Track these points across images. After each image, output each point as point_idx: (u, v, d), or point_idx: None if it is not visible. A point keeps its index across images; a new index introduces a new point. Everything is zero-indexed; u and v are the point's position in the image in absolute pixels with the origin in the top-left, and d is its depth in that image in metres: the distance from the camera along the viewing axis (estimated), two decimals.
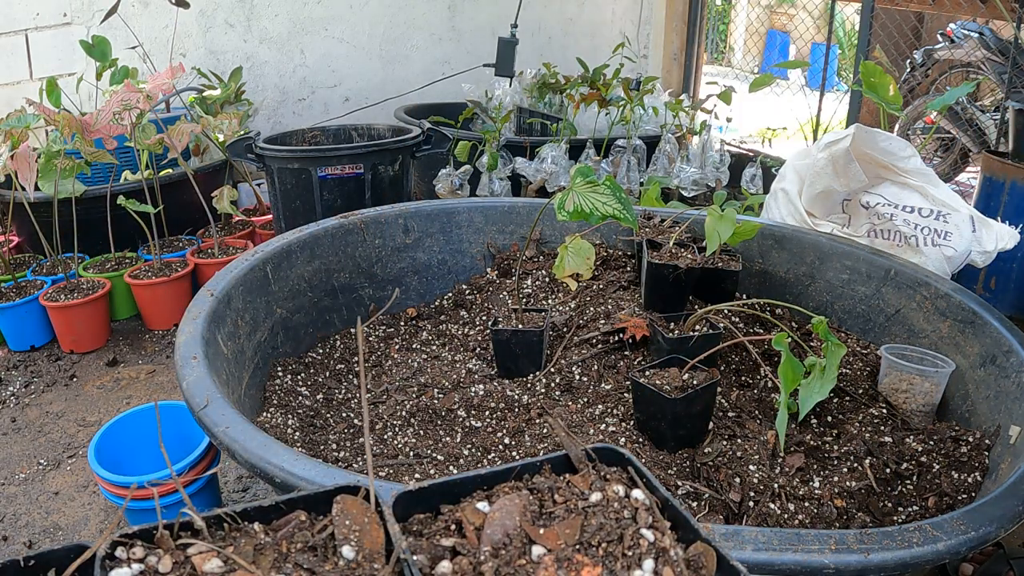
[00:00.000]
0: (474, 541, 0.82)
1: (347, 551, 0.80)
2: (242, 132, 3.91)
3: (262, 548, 0.81)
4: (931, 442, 1.80)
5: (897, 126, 5.74)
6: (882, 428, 1.89)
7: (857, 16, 4.87)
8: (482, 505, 0.87)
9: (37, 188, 3.28)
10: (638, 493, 0.89)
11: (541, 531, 0.83)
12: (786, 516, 1.62)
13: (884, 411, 1.98)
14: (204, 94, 4.44)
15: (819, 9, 9.22)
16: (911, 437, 1.83)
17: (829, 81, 9.63)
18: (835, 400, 2.02)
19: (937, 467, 1.73)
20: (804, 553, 1.19)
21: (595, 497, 0.88)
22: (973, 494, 1.67)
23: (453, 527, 0.86)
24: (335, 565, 0.79)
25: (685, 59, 6.23)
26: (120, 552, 0.79)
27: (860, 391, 2.06)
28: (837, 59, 10.81)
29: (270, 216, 4.07)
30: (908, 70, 5.87)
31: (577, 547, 0.82)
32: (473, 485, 0.91)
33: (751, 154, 4.98)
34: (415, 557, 0.79)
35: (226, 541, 0.82)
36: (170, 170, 4.03)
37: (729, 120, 4.65)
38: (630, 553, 0.80)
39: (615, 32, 6.24)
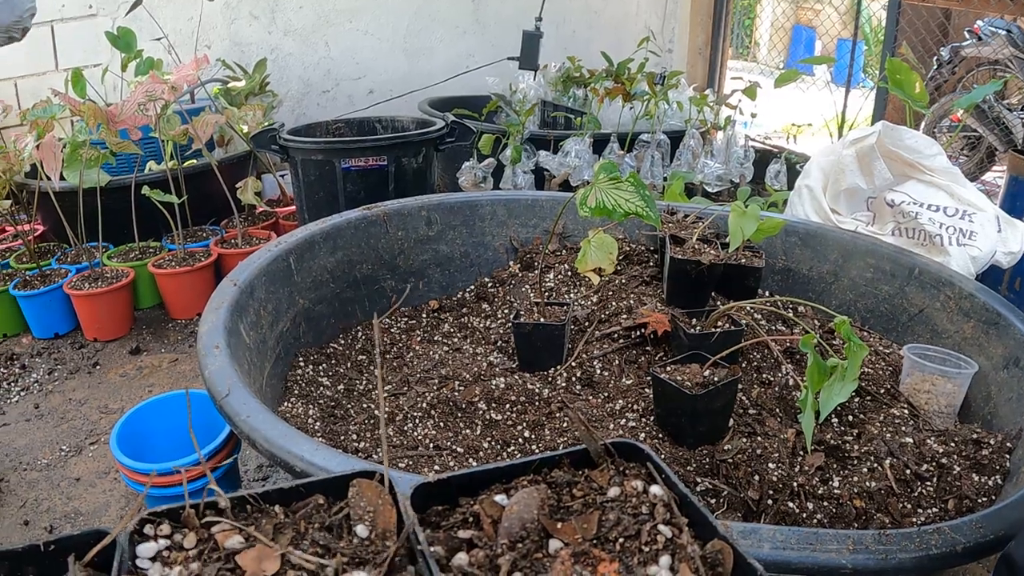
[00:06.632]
0: (491, 533, 0.83)
1: (361, 529, 0.83)
2: (266, 123, 3.92)
3: (281, 527, 0.84)
4: (952, 444, 1.79)
5: (923, 124, 5.70)
6: (903, 429, 1.88)
7: (883, 12, 4.84)
8: (500, 498, 0.87)
9: (62, 178, 3.30)
10: (656, 489, 0.89)
11: (559, 525, 0.84)
12: (804, 515, 1.61)
13: (906, 411, 1.97)
14: (228, 85, 4.46)
15: (845, 5, 9.15)
16: (932, 438, 1.82)
17: (855, 77, 9.55)
18: (856, 399, 2.00)
19: (958, 469, 1.71)
20: (822, 553, 1.19)
21: (613, 492, 0.89)
22: (993, 497, 1.66)
23: (471, 519, 0.87)
24: (349, 543, 0.82)
25: (710, 54, 6.20)
26: (148, 529, 0.82)
27: (882, 391, 2.05)
28: (863, 55, 10.72)
29: (293, 207, 4.09)
30: (935, 67, 5.82)
31: (594, 542, 0.82)
32: (492, 478, 0.92)
33: (776, 150, 4.96)
34: (432, 548, 0.80)
35: (248, 521, 0.85)
36: (194, 161, 4.06)
37: (754, 116, 4.62)
38: (647, 549, 0.81)
39: (640, 26, 6.21)
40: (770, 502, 1.64)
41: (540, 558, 0.80)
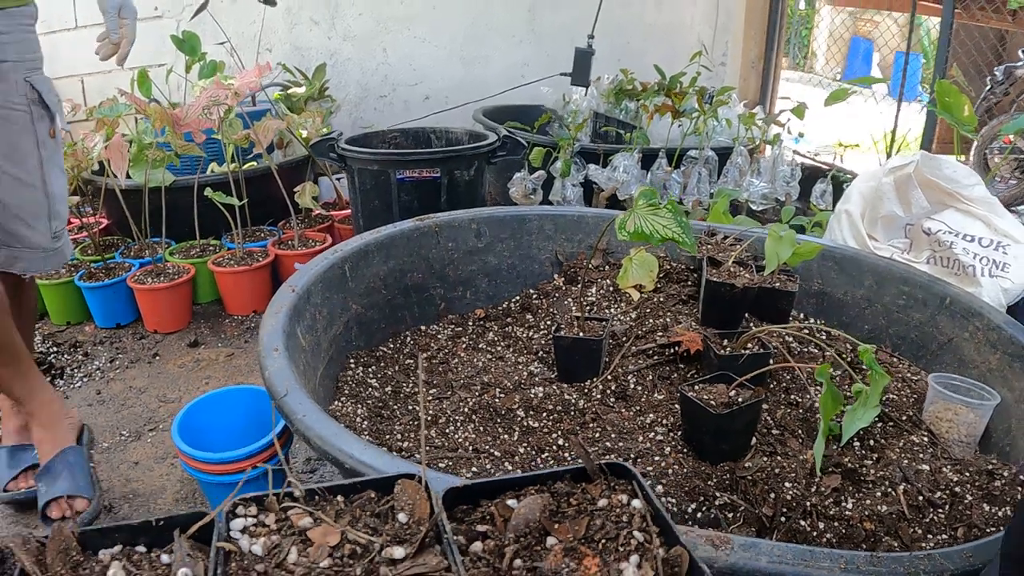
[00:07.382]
0: (502, 529, 1.06)
1: (402, 516, 1.06)
2: (325, 129, 4.06)
3: (341, 512, 1.08)
4: (967, 473, 1.84)
5: (974, 145, 5.67)
6: (921, 456, 1.93)
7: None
8: (512, 502, 1.09)
9: (128, 176, 3.45)
10: (637, 503, 1.09)
11: (556, 526, 1.05)
12: (815, 534, 1.68)
13: (925, 439, 2.02)
14: (289, 91, 4.60)
15: (904, 18, 9.09)
16: (948, 467, 1.87)
17: (913, 92, 9.47)
18: (879, 424, 2.06)
19: (970, 498, 1.76)
20: (815, 570, 1.26)
21: (602, 503, 1.10)
22: (1001, 527, 1.71)
23: (487, 517, 1.09)
24: (392, 526, 1.04)
25: (763, 67, 6.19)
26: (240, 510, 1.06)
27: (904, 417, 2.11)
28: (921, 69, 10.62)
29: (349, 211, 4.22)
30: (987, 87, 5.78)
31: (582, 541, 1.03)
32: (507, 486, 1.13)
33: (824, 167, 4.98)
34: (455, 537, 1.02)
35: (316, 507, 1.09)
36: (254, 163, 4.20)
37: (802, 135, 4.65)
38: (622, 549, 1.01)
39: (693, 37, 6.22)
40: (783, 519, 1.72)
41: (538, 550, 1.02)
